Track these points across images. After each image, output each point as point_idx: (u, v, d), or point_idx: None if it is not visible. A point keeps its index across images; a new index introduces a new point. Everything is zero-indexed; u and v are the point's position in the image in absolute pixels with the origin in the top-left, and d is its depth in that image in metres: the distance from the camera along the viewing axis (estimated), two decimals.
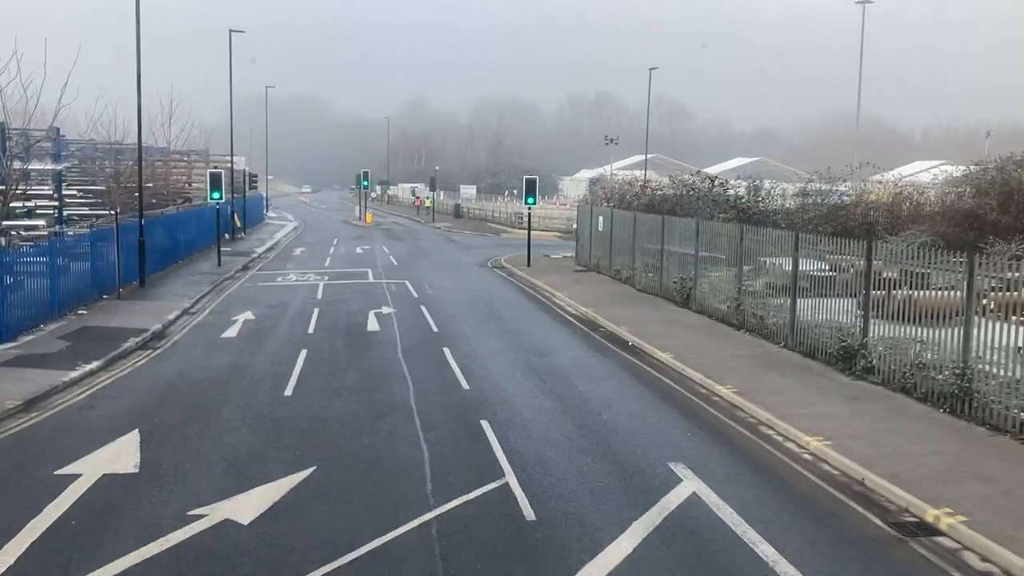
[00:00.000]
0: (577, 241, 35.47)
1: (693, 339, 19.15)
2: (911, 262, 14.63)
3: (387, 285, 28.24)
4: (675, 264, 24.66)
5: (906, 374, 14.20)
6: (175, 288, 26.44)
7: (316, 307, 23.29)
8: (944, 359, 13.40)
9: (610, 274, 30.18)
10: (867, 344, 15.39)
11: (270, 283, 28.79)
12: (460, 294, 26.62)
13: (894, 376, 14.51)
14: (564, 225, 57.25)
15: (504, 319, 22.16)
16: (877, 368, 14.97)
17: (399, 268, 33.68)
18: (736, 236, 20.84)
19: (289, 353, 17.41)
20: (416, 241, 49.44)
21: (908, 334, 14.42)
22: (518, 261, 35.51)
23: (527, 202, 33.92)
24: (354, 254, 39.95)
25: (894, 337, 14.78)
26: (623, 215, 29.68)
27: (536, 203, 34.22)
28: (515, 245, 45.70)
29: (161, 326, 20.19)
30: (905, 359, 14.28)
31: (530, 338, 19.56)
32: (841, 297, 16.89)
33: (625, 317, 21.88)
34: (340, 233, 55.67)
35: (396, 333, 19.74)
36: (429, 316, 21.95)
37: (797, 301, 17.92)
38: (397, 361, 16.81)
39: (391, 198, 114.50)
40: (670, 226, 25.12)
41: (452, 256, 40.03)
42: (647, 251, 26.96)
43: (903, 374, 14.28)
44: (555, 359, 17.34)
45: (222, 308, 23.51)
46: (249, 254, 38.02)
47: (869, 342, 15.38)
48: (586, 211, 33.94)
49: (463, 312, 22.98)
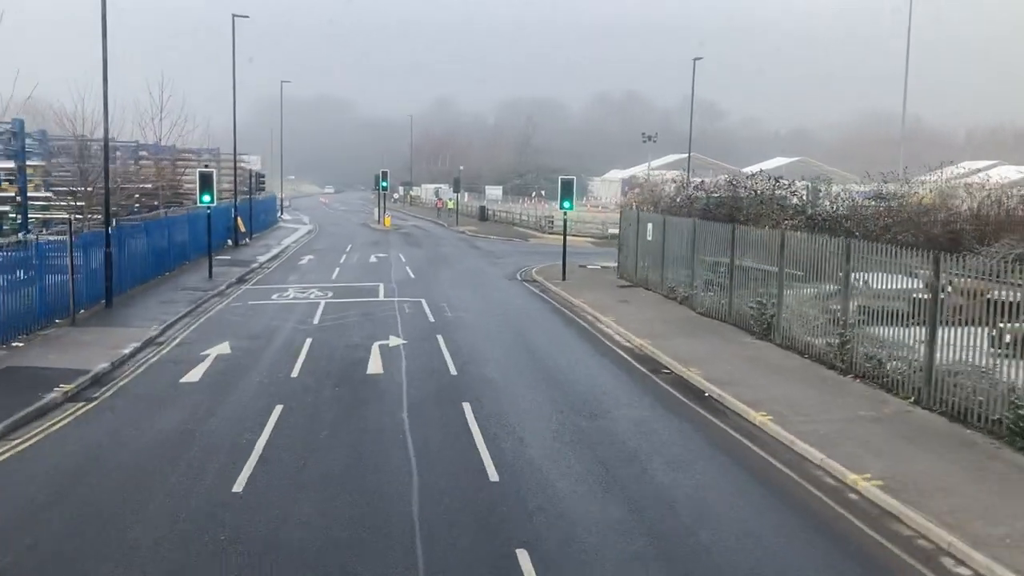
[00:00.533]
0: (620, 251, 30.95)
1: (788, 389, 14.61)
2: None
3: (399, 305, 23.90)
4: (750, 283, 20.14)
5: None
6: (148, 309, 22.28)
7: (309, 337, 18.98)
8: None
9: (662, 291, 25.65)
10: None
11: (263, 301, 24.55)
12: (485, 317, 22.22)
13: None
14: (598, 230, 52.76)
15: (540, 355, 17.72)
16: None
17: (415, 282, 29.35)
18: (838, 251, 16.28)
19: (258, 410, 13.11)
20: (437, 248, 45.11)
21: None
22: (552, 273, 31.08)
23: (563, 206, 29.44)
24: (367, 264, 35.66)
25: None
26: (678, 222, 25.14)
27: (573, 207, 29.72)
28: (546, 253, 41.25)
29: (109, 365, 15.97)
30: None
31: (576, 386, 15.10)
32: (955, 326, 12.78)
33: (692, 353, 17.40)
34: (355, 238, 51.46)
35: (403, 378, 15.36)
36: (447, 351, 17.56)
37: (936, 338, 13.35)
38: (400, 427, 12.44)
39: (414, 199, 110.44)
40: (743, 237, 20.57)
41: (476, 266, 35.62)
42: (709, 265, 22.43)
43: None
44: (613, 422, 12.89)
45: (196, 337, 19.29)
46: (248, 264, 33.86)
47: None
48: (631, 217, 29.39)
49: (489, 345, 18.58)
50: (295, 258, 38.04)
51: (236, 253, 38.07)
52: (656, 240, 26.42)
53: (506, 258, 39.20)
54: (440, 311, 22.86)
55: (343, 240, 49.08)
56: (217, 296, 25.41)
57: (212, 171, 28.58)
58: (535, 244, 48.85)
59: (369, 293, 26.30)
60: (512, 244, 48.67)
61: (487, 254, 41.55)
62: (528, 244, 48.90)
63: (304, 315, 22.03)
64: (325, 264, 35.16)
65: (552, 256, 37.97)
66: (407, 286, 28.02)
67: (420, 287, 27.82)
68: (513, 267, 34.81)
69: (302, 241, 48.07)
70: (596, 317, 22.40)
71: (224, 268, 31.59)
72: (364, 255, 39.43)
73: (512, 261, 37.57)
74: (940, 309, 13.38)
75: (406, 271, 32.64)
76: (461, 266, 35.44)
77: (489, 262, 37.50)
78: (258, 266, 33.83)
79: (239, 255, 37.25)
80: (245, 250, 39.86)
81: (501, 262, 37.28)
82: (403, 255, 39.44)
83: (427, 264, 35.74)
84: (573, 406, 13.69)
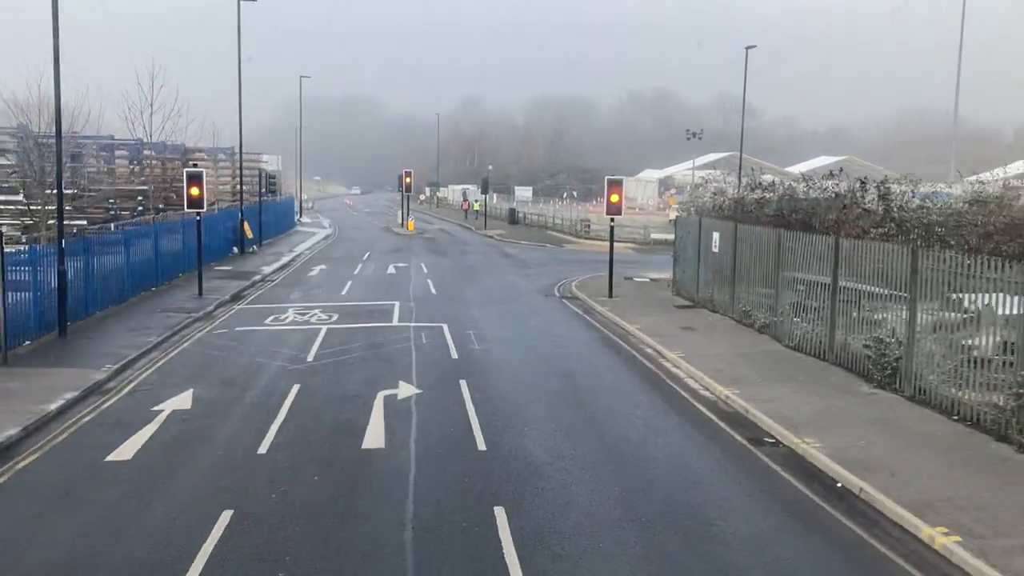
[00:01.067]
0: (675, 263, 26.51)
1: (958, 479, 10.19)
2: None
3: (416, 333, 19.68)
4: (859, 310, 15.70)
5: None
6: (111, 339, 18.26)
7: (297, 383, 14.78)
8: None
9: (732, 315, 21.22)
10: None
11: (254, 327, 20.44)
12: (521, 352, 17.93)
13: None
14: (639, 235, 48.28)
15: (598, 415, 13.34)
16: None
17: (437, 300, 25.13)
18: (1013, 277, 11.82)
19: (196, 522, 8.91)
20: (463, 255, 40.87)
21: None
22: (595, 288, 26.73)
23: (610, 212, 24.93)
24: (383, 276, 31.50)
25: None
26: (755, 232, 20.69)
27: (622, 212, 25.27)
28: (585, 262, 36.94)
29: (19, 431, 11.87)
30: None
31: (655, 472, 10.72)
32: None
33: (797, 410, 13.03)
34: (375, 244, 47.36)
35: (412, 458, 11.07)
36: (472, 408, 13.25)
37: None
38: (400, 561, 8.16)
39: (440, 201, 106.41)
40: (852, 253, 16.11)
41: (507, 279, 31.31)
42: (798, 285, 18.00)
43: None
44: (723, 547, 8.54)
45: (156, 380, 15.19)
46: (250, 276, 29.82)
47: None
48: (691, 224, 24.91)
49: (529, 397, 14.23)
50: (304, 268, 33.97)
51: (240, 263, 34.09)
52: (725, 252, 21.99)
53: (540, 268, 34.90)
54: (465, 342, 18.60)
55: (361, 247, 44.97)
56: (202, 319, 21.36)
57: (202, 171, 24.51)
58: (571, 251, 44.51)
59: (381, 316, 22.10)
60: (546, 251, 44.33)
61: (519, 263, 37.24)
62: (563, 251, 44.55)
63: (298, 347, 17.87)
64: (336, 276, 31.04)
65: (592, 266, 33.71)
66: (427, 306, 23.79)
67: (442, 307, 23.59)
68: (549, 279, 30.51)
69: (316, 248, 44.01)
70: (658, 351, 18.04)
71: (220, 282, 27.59)
72: (382, 265, 35.28)
73: (547, 272, 33.28)
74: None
75: (427, 285, 28.42)
76: (490, 279, 31.14)
77: (522, 273, 33.20)
78: (261, 279, 29.78)
79: (242, 265, 33.27)
80: (251, 259, 35.86)
81: (535, 273, 32.98)
82: (425, 265, 35.24)
83: (451, 276, 31.52)
84: (659, 514, 9.33)
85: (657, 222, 57.09)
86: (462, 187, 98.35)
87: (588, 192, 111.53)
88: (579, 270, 32.74)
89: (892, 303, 14.80)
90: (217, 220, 35.56)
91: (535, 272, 33.42)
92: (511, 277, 31.91)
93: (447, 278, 30.83)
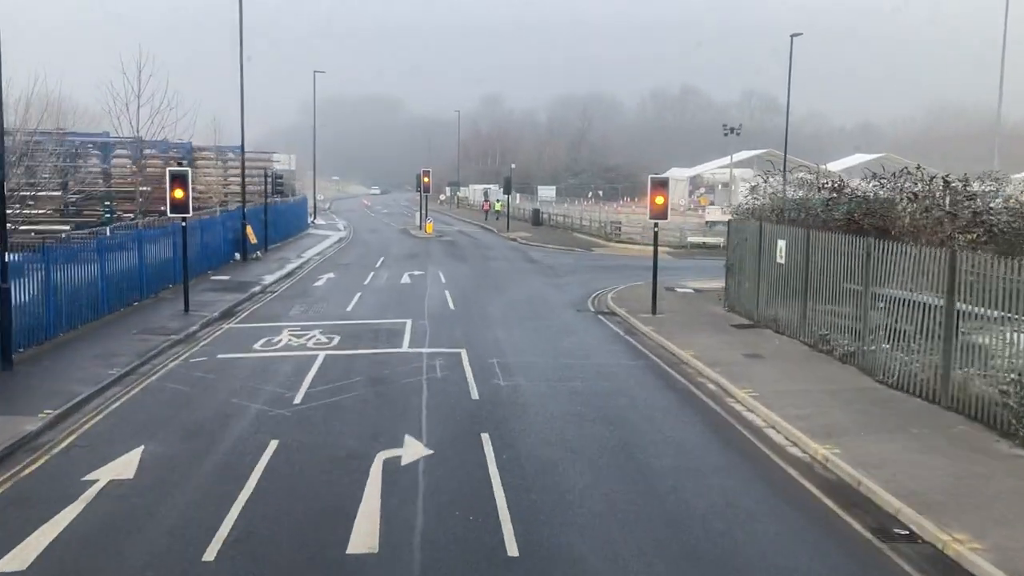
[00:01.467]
0: (728, 274, 23.21)
1: None
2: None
3: (429, 362, 16.57)
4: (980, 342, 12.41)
5: None
6: (66, 370, 15.29)
7: (275, 438, 11.67)
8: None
9: (804, 339, 17.94)
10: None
11: (240, 354, 17.41)
12: (556, 389, 14.72)
13: None
14: (674, 237, 44.97)
15: (659, 487, 10.13)
16: None
17: (455, 318, 22.01)
18: None
19: None
20: (485, 262, 37.72)
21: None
22: (635, 302, 23.52)
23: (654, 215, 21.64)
24: (397, 286, 28.43)
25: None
26: (829, 240, 17.40)
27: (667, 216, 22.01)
28: (618, 268, 33.77)
29: None
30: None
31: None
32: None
33: (922, 480, 9.87)
34: (391, 248, 44.32)
35: (416, 569, 7.96)
36: (499, 482, 10.04)
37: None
38: None
39: (461, 201, 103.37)
40: (975, 269, 12.79)
41: (534, 290, 28.13)
42: (896, 306, 14.71)
43: None
44: None
45: (102, 431, 12.18)
46: (249, 287, 26.82)
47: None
48: (750, 231, 21.56)
49: (570, 463, 10.96)
50: (310, 277, 30.95)
51: (239, 271, 31.16)
52: (793, 263, 18.71)
53: (570, 276, 31.71)
54: (488, 375, 15.44)
55: (375, 252, 41.90)
56: (182, 342, 18.38)
57: (187, 171, 21.54)
58: (601, 256, 41.28)
59: (390, 339, 19.01)
60: (574, 256, 41.10)
61: (546, 270, 34.05)
62: (593, 256, 41.33)
63: (286, 382, 14.80)
64: (344, 287, 28.00)
65: (627, 273, 30.53)
66: (443, 325, 20.66)
67: (461, 327, 20.47)
68: (582, 290, 27.32)
69: (327, 253, 41.00)
70: (722, 385, 14.82)
71: (213, 295, 24.64)
72: (396, 273, 32.21)
73: (579, 280, 30.09)
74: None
75: (444, 298, 25.31)
76: (515, 290, 27.96)
77: (550, 282, 30.01)
78: (260, 290, 26.79)
79: (242, 274, 30.32)
80: (253, 266, 32.91)
81: (565, 283, 29.78)
82: (443, 273, 32.11)
83: (472, 287, 28.39)
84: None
85: (691, 223, 53.81)
86: (483, 187, 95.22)
87: (614, 191, 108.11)
88: (613, 278, 29.53)
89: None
90: (216, 224, 32.66)
91: (565, 281, 30.23)
92: (538, 287, 28.73)
93: (467, 289, 27.70)
